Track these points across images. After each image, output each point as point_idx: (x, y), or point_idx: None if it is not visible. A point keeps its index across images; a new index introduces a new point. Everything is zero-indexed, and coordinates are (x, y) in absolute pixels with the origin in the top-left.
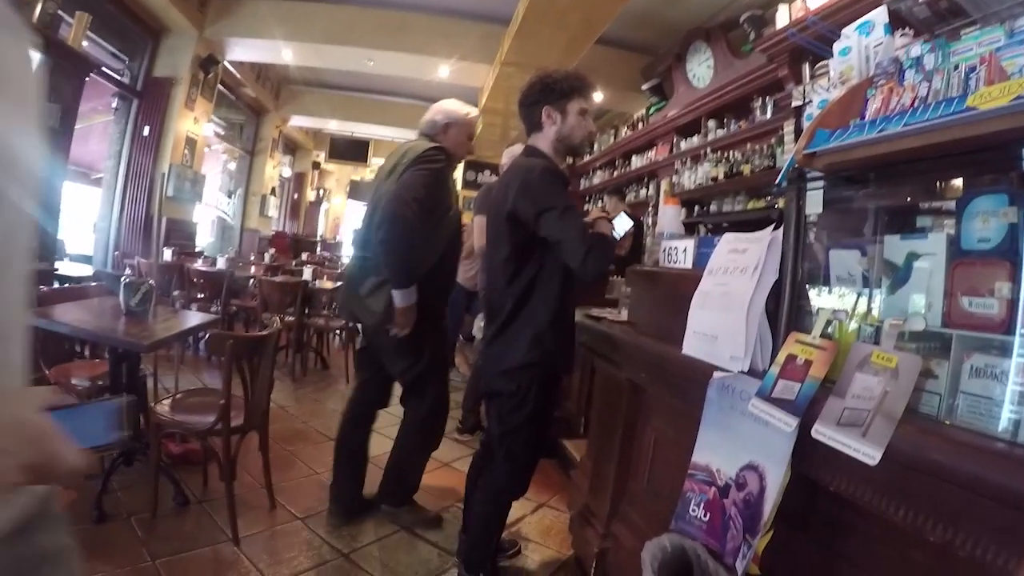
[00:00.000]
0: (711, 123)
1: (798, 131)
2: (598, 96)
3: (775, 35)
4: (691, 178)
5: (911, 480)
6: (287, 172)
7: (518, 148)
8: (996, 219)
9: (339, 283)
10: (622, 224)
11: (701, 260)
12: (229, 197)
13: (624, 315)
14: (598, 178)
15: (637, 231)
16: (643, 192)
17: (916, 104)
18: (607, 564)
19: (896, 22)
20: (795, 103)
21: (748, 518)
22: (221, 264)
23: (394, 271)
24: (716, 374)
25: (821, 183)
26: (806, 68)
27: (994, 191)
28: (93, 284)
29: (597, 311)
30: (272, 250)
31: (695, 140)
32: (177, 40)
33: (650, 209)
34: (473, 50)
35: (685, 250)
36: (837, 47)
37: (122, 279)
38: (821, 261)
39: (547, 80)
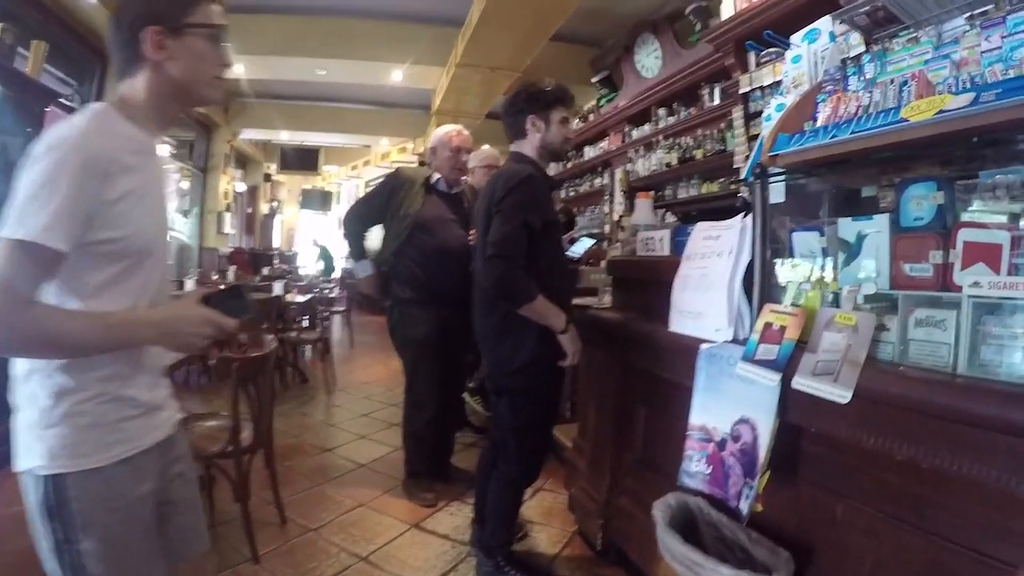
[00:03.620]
0: (661, 111)
1: (747, 116)
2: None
3: (721, 26)
4: (645, 165)
5: (877, 412)
6: (240, 187)
7: (486, 150)
8: (927, 201)
9: (309, 295)
10: (583, 244)
11: (678, 248)
12: (185, 216)
13: (606, 302)
14: (551, 170)
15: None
16: (598, 181)
17: (859, 113)
18: (612, 532)
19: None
20: (742, 90)
21: (746, 464)
22: (190, 287)
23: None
24: (703, 345)
25: (782, 177)
26: (752, 56)
27: (925, 179)
28: None
29: (578, 300)
30: (233, 267)
31: (646, 128)
32: None
33: (606, 197)
34: (426, 53)
35: (661, 239)
36: (789, 55)
37: None
38: (785, 242)
39: (531, 90)
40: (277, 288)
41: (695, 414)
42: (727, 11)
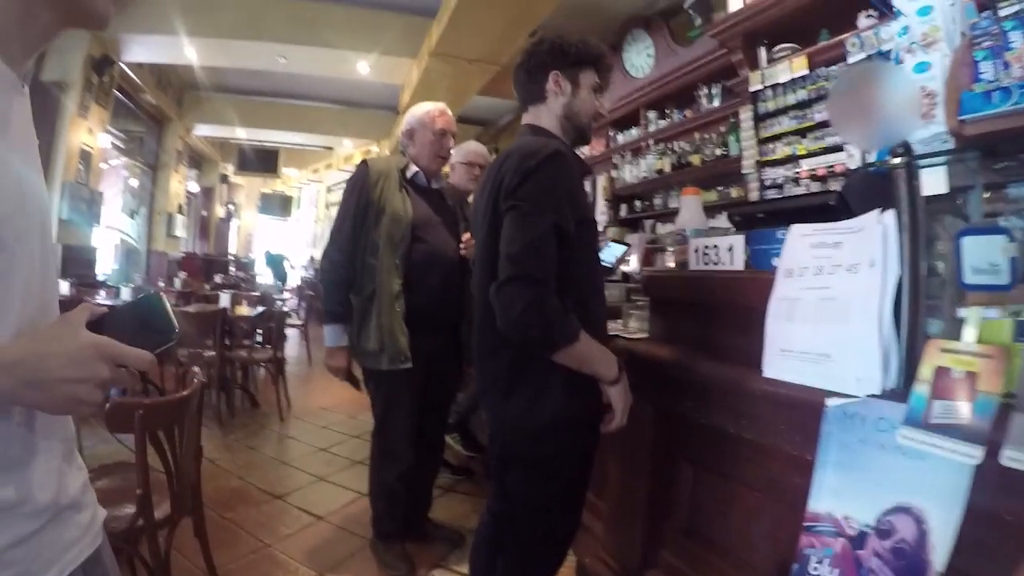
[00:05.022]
0: (651, 114)
1: (756, 117)
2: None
3: (728, 19)
4: (633, 172)
5: None
6: (194, 187)
7: (471, 144)
8: None
9: (261, 309)
10: (613, 251)
11: (758, 259)
12: (132, 217)
13: (633, 328)
14: None
15: None
16: None
17: None
18: None
19: None
20: (752, 88)
21: (903, 569)
22: (126, 295)
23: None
24: (831, 401)
25: (943, 158)
26: (762, 52)
27: None
28: None
29: None
30: (183, 274)
31: (634, 132)
32: (65, 39)
33: None
34: (395, 43)
35: (731, 249)
36: (913, 7)
37: None
38: (948, 250)
39: (556, 42)
40: (224, 300)
41: (817, 499)
42: (734, 4)
